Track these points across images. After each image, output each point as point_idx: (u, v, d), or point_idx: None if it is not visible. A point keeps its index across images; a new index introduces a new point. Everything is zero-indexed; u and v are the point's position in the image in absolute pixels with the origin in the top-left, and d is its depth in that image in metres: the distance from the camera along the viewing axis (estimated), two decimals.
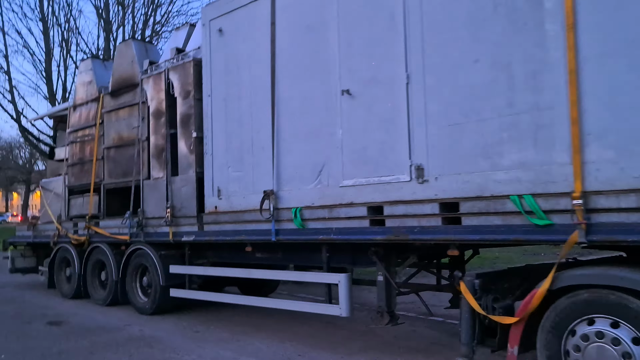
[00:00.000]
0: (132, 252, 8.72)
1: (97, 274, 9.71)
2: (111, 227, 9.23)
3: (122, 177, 9.21)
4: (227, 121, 7.26)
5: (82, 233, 9.89)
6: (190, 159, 7.73)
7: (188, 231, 7.73)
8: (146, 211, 8.48)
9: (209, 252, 7.99)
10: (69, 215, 10.51)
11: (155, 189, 8.33)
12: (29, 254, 12.52)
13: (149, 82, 8.57)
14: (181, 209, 7.83)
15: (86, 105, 10.21)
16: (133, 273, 8.76)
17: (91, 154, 9.92)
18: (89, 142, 10.05)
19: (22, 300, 10.24)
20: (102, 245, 9.36)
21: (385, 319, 5.77)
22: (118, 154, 9.31)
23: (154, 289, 8.29)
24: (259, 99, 6.83)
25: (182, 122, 7.88)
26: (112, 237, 9.06)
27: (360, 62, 5.69)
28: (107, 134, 9.56)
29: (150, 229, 8.41)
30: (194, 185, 7.64)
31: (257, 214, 6.65)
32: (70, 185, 10.52)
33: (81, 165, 10.23)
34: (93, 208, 9.74)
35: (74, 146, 10.47)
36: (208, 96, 7.52)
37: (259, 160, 6.81)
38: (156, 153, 8.38)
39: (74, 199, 10.44)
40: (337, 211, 5.81)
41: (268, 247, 6.95)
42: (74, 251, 10.10)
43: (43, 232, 11.25)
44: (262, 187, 6.64)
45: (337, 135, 5.88)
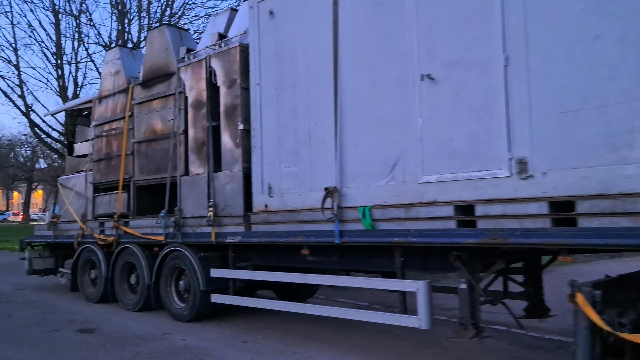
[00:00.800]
0: (167, 253, 8.10)
1: (126, 276, 9.09)
2: (143, 227, 8.61)
3: (154, 173, 8.59)
4: (279, 112, 6.64)
5: (110, 233, 9.27)
6: (235, 154, 7.11)
7: (233, 232, 7.11)
8: (184, 210, 7.86)
9: (252, 255, 7.37)
10: (94, 214, 9.89)
11: (195, 186, 7.71)
12: (47, 255, 11.91)
13: (187, 70, 7.95)
14: (225, 207, 7.21)
15: (113, 97, 9.59)
16: (168, 276, 8.14)
17: (119, 148, 9.30)
18: (117, 136, 9.43)
19: (45, 304, 9.62)
20: (133, 246, 8.74)
21: (470, 332, 5.14)
22: (150, 148, 8.69)
23: (192, 294, 7.67)
24: (317, 88, 6.22)
25: (227, 113, 7.26)
26: (144, 237, 8.44)
27: (445, 43, 5.07)
28: (137, 127, 8.94)
29: (188, 229, 7.79)
30: (240, 182, 7.02)
31: (316, 213, 6.05)
32: (96, 182, 9.90)
33: (108, 160, 9.61)
34: (122, 206, 9.11)
35: (99, 140, 9.85)
36: (257, 85, 6.90)
37: (317, 155, 6.19)
38: (195, 147, 7.76)
39: (99, 197, 9.82)
40: (416, 211, 5.19)
41: (324, 250, 6.33)
42: (100, 252, 9.49)
43: (65, 231, 10.63)
44: (322, 183, 6.03)
45: (415, 126, 5.26)
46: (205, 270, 7.51)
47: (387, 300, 9.36)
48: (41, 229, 11.60)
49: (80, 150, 11.96)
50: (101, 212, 9.71)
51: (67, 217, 10.87)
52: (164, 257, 8.17)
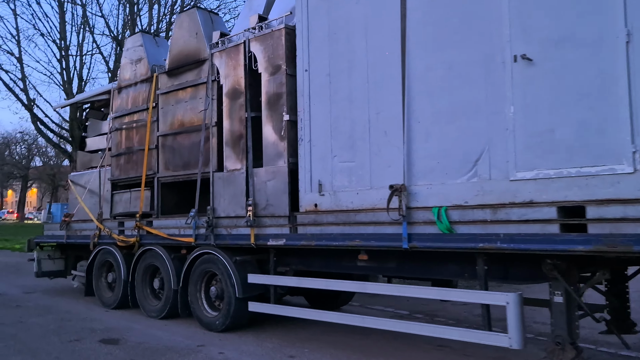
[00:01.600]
0: (197, 257, 7.40)
1: (148, 281, 8.38)
2: (169, 228, 7.90)
3: (182, 169, 7.88)
4: (331, 101, 5.95)
5: (130, 234, 8.56)
6: (280, 147, 6.41)
7: (276, 234, 6.41)
8: (217, 209, 7.16)
9: (293, 259, 6.69)
10: (112, 213, 9.17)
11: (230, 183, 7.01)
12: (57, 256, 11.19)
13: (221, 56, 7.25)
14: (267, 207, 6.51)
15: (135, 87, 8.88)
16: (197, 282, 7.43)
17: (142, 142, 8.59)
18: (139, 129, 8.72)
19: (59, 310, 8.90)
20: (157, 248, 8.03)
21: (569, 353, 4.47)
22: (177, 142, 7.98)
23: (227, 302, 6.97)
24: (379, 73, 5.54)
25: (269, 102, 6.56)
26: (171, 239, 7.73)
27: (545, 18, 4.39)
28: (162, 118, 8.23)
29: (222, 231, 7.08)
30: (285, 178, 6.33)
31: (377, 214, 5.38)
32: (114, 178, 9.18)
33: (128, 155, 8.89)
34: (144, 205, 8.40)
35: (118, 134, 9.14)
36: (305, 71, 6.21)
37: (379, 148, 5.50)
38: (231, 140, 7.05)
39: (118, 195, 9.11)
40: (507, 212, 4.51)
41: (383, 255, 5.65)
42: (119, 254, 8.77)
43: (78, 231, 9.90)
44: (385, 181, 5.35)
45: (505, 114, 4.58)
46: (241, 276, 6.82)
47: (429, 309, 8.69)
48: (51, 228, 10.87)
49: (92, 145, 11.28)
50: (120, 211, 8.99)
51: (80, 215, 10.15)
52: (193, 261, 7.46)
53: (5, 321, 8.04)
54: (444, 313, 8.57)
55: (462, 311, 8.64)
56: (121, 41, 18.27)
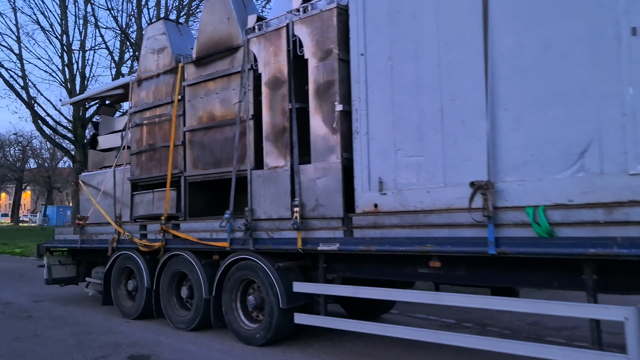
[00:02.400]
0: (232, 263, 6.72)
1: (175, 289, 7.69)
2: (198, 231, 7.21)
3: (212, 166, 7.19)
4: (394, 88, 5.28)
5: (154, 238, 7.86)
6: (331, 141, 5.73)
7: (327, 237, 5.73)
8: (256, 210, 6.47)
9: (341, 265, 6.02)
10: (132, 216, 8.47)
11: (272, 182, 6.32)
12: (68, 262, 10.49)
13: (259, 42, 6.56)
14: (316, 207, 5.83)
15: (157, 79, 8.18)
16: (233, 290, 6.75)
17: (166, 138, 7.90)
18: (162, 124, 8.02)
19: (75, 321, 8.19)
20: (185, 254, 7.34)
21: None
22: (207, 137, 7.29)
23: (268, 313, 6.28)
24: (454, 55, 4.88)
25: (318, 91, 5.88)
26: (202, 243, 7.03)
27: None
28: (189, 112, 7.54)
29: (262, 234, 6.40)
30: (338, 175, 5.65)
31: (453, 215, 4.74)
32: (135, 178, 8.48)
33: (151, 153, 8.20)
34: (169, 206, 7.70)
35: (139, 130, 8.44)
36: (361, 55, 5.54)
37: (454, 140, 4.84)
38: (272, 134, 6.37)
39: (139, 196, 8.40)
40: (625, 212, 3.85)
41: (453, 261, 4.98)
42: (141, 260, 8.07)
43: (94, 235, 9.19)
44: (464, 177, 4.70)
45: (620, 97, 3.92)
46: (285, 284, 6.14)
47: (475, 317, 8.04)
48: (63, 232, 10.15)
49: (105, 143, 10.58)
50: (141, 213, 8.29)
51: (94, 218, 9.45)
52: (228, 267, 6.78)
53: (19, 335, 7.34)
54: (493, 322, 7.92)
55: (512, 319, 7.99)
56: (128, 33, 17.51)
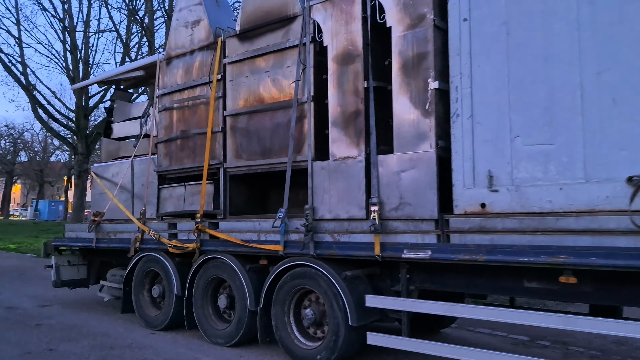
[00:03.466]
0: (285, 270, 5.73)
1: (211, 297, 6.70)
2: (242, 231, 6.21)
3: (260, 156, 6.20)
4: (510, 60, 4.32)
5: (186, 238, 6.85)
6: (423, 126, 4.76)
7: (415, 243, 4.75)
8: (319, 209, 5.48)
9: (421, 275, 5.05)
10: (159, 212, 7.45)
11: (340, 175, 5.34)
12: (78, 262, 9.45)
13: (325, 9, 5.57)
14: (400, 206, 4.85)
15: (191, 56, 7.16)
16: (285, 302, 5.76)
17: (202, 124, 6.89)
18: (198, 108, 7.01)
19: (92, 332, 7.16)
20: (225, 258, 6.34)
21: None
22: (253, 122, 6.29)
23: (332, 331, 5.31)
24: (601, 12, 3.90)
25: (405, 66, 4.90)
26: (248, 246, 6.02)
27: None
28: (232, 94, 6.54)
29: (326, 237, 5.41)
30: (432, 168, 4.68)
31: (598, 218, 3.75)
32: (163, 169, 7.46)
33: (182, 140, 7.18)
34: (206, 202, 6.69)
35: (168, 115, 7.42)
36: (464, 21, 4.57)
37: (601, 123, 3.90)
38: (342, 119, 5.38)
39: (167, 190, 7.39)
40: None
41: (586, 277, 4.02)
42: (169, 263, 7.06)
43: (112, 234, 8.15)
44: (615, 170, 3.76)
45: None
46: (355, 297, 5.17)
47: (549, 333, 7.10)
48: (75, 229, 9.09)
49: (120, 131, 9.59)
50: (170, 210, 7.28)
51: (109, 215, 8.43)
52: (280, 275, 5.79)
53: (30, 348, 6.32)
54: (570, 339, 6.98)
55: (591, 337, 7.05)
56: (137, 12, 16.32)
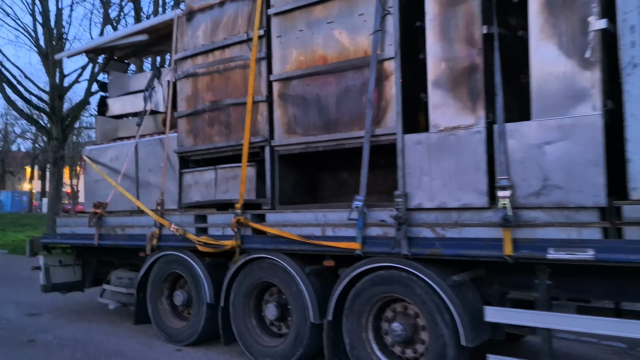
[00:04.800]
0: (363, 274, 4.49)
1: (255, 306, 5.43)
2: (300, 225, 4.93)
3: (322, 131, 4.92)
4: None
5: (221, 234, 5.53)
6: (581, 81, 3.56)
7: (566, 239, 3.55)
8: (414, 196, 4.25)
9: (564, 281, 3.86)
10: (181, 202, 6.10)
11: (447, 151, 4.11)
12: (71, 262, 8.06)
13: None
14: (543, 190, 3.66)
15: (221, 9, 5.80)
16: (363, 314, 4.54)
17: (238, 92, 5.56)
18: (232, 73, 5.67)
19: (100, 350, 5.82)
20: (276, 258, 5.05)
21: None
22: (312, 88, 5.00)
23: (437, 353, 4.11)
24: None
25: (549, 2, 3.65)
26: (311, 243, 4.75)
27: None
28: (280, 53, 5.23)
29: (424, 232, 4.19)
30: (596, 138, 3.49)
31: None
32: (185, 150, 6.11)
33: (212, 114, 5.84)
34: (247, 190, 5.38)
35: (191, 83, 6.05)
36: None
37: None
38: (449, 77, 4.14)
39: (193, 175, 6.04)
40: None
41: None
42: (198, 264, 5.75)
43: (119, 229, 6.75)
44: None
45: None
46: (467, 309, 3.96)
47: None
48: (69, 223, 7.65)
49: (118, 107, 8.22)
50: (197, 200, 5.95)
51: (114, 206, 7.05)
52: (354, 280, 4.54)
53: None
54: None
55: None
56: None
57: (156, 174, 7.07)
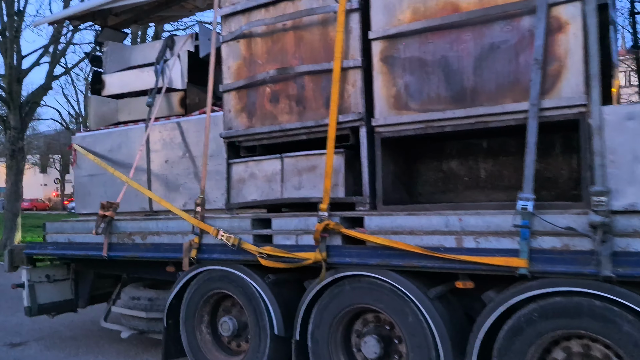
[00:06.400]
0: (525, 301, 3.23)
1: (343, 339, 4.08)
2: (420, 233, 3.63)
3: (452, 104, 3.62)
4: None
5: (293, 243, 4.15)
6: None
7: None
8: (620, 193, 3.03)
9: None
10: (230, 203, 4.67)
11: None
12: (61, 276, 6.52)
13: None
14: None
15: None
16: (524, 355, 3.26)
17: (315, 56, 4.19)
18: (305, 32, 4.28)
19: None
20: (382, 277, 3.73)
21: None
22: (435, 47, 3.70)
23: None
24: None
25: None
26: (442, 257, 3.45)
27: None
28: (382, 3, 3.92)
29: (636, 244, 2.94)
30: None
31: None
32: (237, 134, 4.67)
33: (275, 86, 4.43)
34: (334, 184, 4.03)
35: (242, 46, 4.62)
36: None
37: None
38: None
39: (246, 166, 4.63)
40: None
41: None
42: (258, 284, 4.38)
43: (139, 236, 5.25)
44: None
45: None
46: None
47: None
48: (64, 228, 6.04)
49: (118, 85, 6.77)
50: (254, 198, 4.55)
51: (125, 206, 5.60)
52: (512, 309, 3.28)
53: None
54: None
55: None
56: None
57: (175, 167, 5.69)
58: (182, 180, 5.70)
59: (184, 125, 5.74)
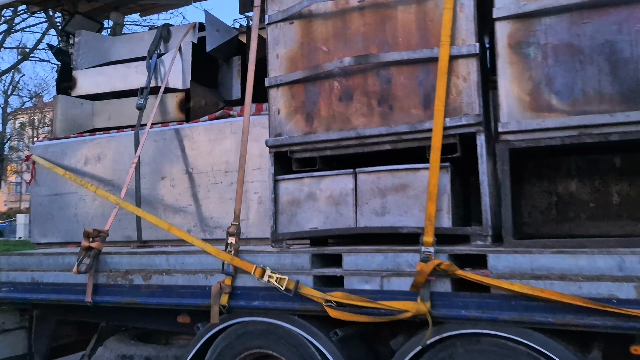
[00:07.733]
0: None
1: None
2: (574, 278, 2.64)
3: (621, 104, 2.69)
4: None
5: (377, 288, 3.07)
6: None
7: None
8: None
9: None
10: (277, 232, 3.51)
11: None
12: (12, 325, 5.12)
13: None
14: None
15: None
16: None
17: (406, 42, 3.18)
18: (391, 11, 3.27)
19: None
20: (519, 338, 2.72)
21: None
22: (592, 30, 2.79)
23: None
24: None
25: None
26: (626, 313, 2.47)
27: None
28: None
29: None
30: None
31: None
32: (289, 142, 3.53)
33: (346, 80, 3.36)
34: (439, 211, 2.99)
35: (297, 30, 3.55)
36: None
37: None
38: None
39: (300, 184, 3.51)
40: None
41: None
42: (322, 342, 3.25)
43: (139, 275, 3.95)
44: None
45: None
46: None
47: None
48: (28, 264, 4.60)
49: (94, 84, 5.58)
50: (313, 227, 3.42)
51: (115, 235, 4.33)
52: None
53: None
54: None
55: None
56: None
57: (178, 186, 4.51)
58: (184, 202, 4.53)
59: (189, 133, 4.59)
